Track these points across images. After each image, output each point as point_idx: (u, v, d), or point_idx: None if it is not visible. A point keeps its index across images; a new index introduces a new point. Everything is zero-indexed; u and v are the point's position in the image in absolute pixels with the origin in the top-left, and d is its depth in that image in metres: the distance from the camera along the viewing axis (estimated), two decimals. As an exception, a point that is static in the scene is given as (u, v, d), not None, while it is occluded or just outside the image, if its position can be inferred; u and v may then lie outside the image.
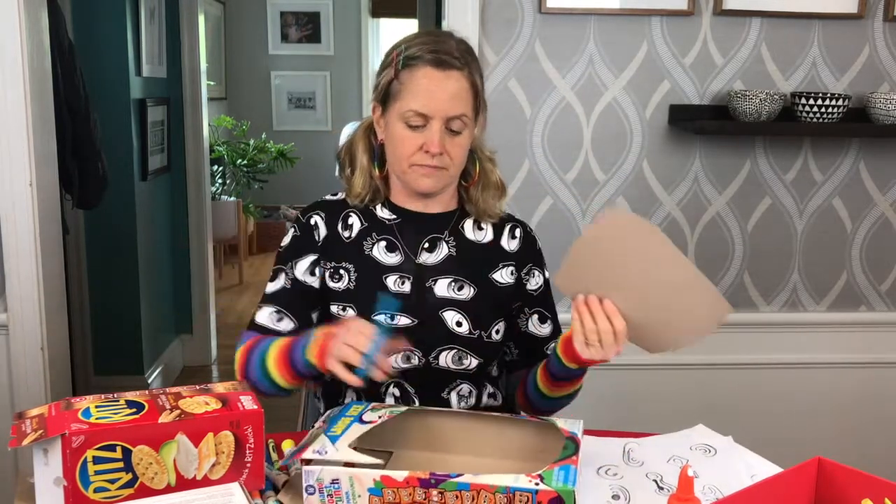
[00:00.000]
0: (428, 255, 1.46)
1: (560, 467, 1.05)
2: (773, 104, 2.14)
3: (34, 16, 2.15)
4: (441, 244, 1.47)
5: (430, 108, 1.36)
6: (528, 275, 1.52)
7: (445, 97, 1.36)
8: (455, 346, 1.43)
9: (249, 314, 1.52)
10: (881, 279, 2.42)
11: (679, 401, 2.38)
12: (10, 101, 2.09)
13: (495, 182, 1.51)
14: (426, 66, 1.37)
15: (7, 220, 2.15)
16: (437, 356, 1.42)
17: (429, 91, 1.36)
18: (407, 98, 1.37)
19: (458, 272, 1.45)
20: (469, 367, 1.44)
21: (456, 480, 1.03)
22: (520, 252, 1.51)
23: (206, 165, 4.11)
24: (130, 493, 1.01)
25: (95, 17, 3.27)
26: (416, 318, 1.42)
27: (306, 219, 1.49)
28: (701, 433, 1.35)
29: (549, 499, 1.00)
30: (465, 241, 1.49)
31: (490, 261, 1.49)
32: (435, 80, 1.37)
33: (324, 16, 6.79)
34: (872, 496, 0.95)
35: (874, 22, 2.25)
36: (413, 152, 1.38)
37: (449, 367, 1.43)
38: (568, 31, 2.20)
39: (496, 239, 1.51)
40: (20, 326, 2.20)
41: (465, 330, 1.43)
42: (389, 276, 1.44)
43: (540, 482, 1.01)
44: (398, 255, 1.45)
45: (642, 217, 1.32)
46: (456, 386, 1.46)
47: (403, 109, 1.38)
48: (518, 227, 1.54)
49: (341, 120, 6.21)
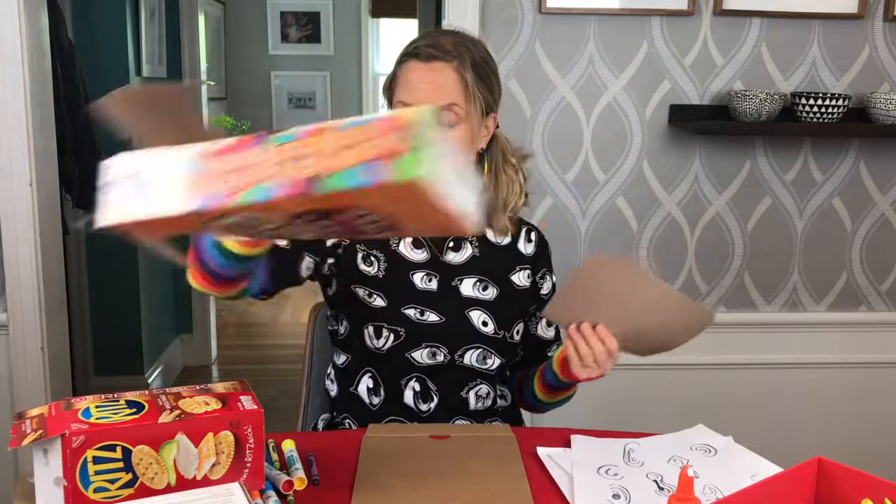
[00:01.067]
0: (454, 254, 1.47)
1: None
2: (773, 104, 2.14)
3: (34, 16, 2.15)
4: (465, 244, 1.48)
5: (413, 99, 1.37)
6: (542, 279, 1.54)
7: (428, 88, 1.36)
8: (481, 346, 1.44)
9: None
10: (881, 279, 2.42)
11: (679, 401, 2.38)
12: (10, 101, 2.09)
13: (504, 199, 1.47)
14: (413, 60, 1.38)
15: (7, 220, 2.15)
16: (462, 354, 1.43)
17: (413, 83, 1.38)
18: (398, 92, 1.39)
19: (482, 272, 1.47)
20: (491, 367, 1.46)
21: (283, 133, 0.77)
22: (535, 256, 1.53)
23: (207, 165, 4.10)
24: (130, 493, 1.01)
25: (95, 17, 3.27)
26: (444, 315, 1.43)
27: None
28: (701, 433, 1.35)
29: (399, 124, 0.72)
30: (488, 242, 1.50)
31: (509, 263, 1.50)
32: (419, 71, 1.37)
33: (324, 16, 6.79)
34: (872, 496, 0.95)
35: (874, 22, 2.25)
36: None
37: (473, 366, 1.44)
38: (568, 31, 2.20)
39: (514, 242, 1.52)
40: (20, 326, 2.20)
41: (490, 330, 1.44)
42: (417, 273, 1.44)
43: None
44: (424, 251, 1.46)
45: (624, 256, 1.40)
46: (475, 386, 1.47)
47: (395, 103, 1.40)
48: (533, 230, 1.55)
49: (341, 120, 6.20)
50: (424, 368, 1.43)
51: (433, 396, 1.44)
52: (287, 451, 1.23)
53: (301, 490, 1.14)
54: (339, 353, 1.52)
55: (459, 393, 1.46)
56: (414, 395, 1.44)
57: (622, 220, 2.31)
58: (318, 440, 1.37)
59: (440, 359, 1.43)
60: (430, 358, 1.43)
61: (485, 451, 1.26)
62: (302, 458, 1.22)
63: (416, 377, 1.44)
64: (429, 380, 1.44)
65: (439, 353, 1.43)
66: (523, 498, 1.13)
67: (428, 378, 1.44)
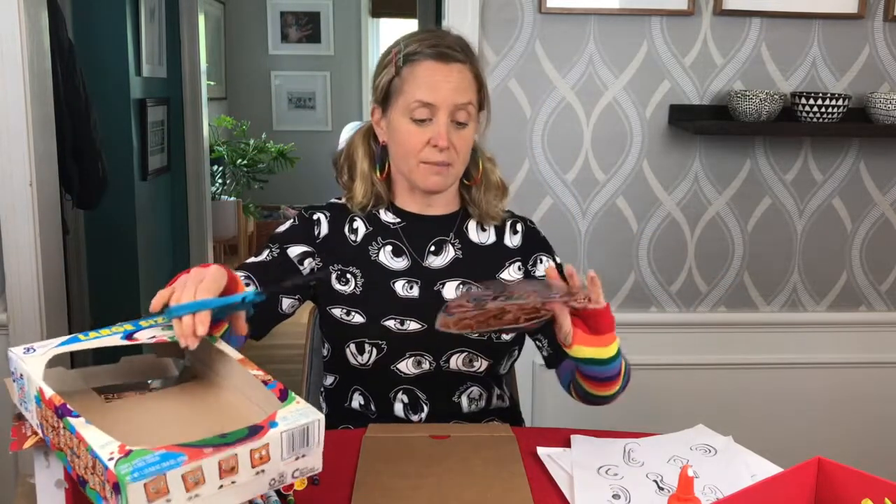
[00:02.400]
0: (434, 258, 1.45)
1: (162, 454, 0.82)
2: (773, 104, 2.14)
3: (34, 16, 2.15)
4: (447, 246, 1.46)
5: (435, 98, 1.35)
6: (534, 265, 1.50)
7: (450, 86, 1.36)
8: (465, 349, 1.42)
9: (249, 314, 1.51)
10: (881, 279, 2.42)
11: (679, 401, 2.38)
12: (10, 101, 2.09)
13: (496, 182, 1.51)
14: (428, 60, 1.37)
15: (7, 220, 2.15)
16: (447, 359, 1.42)
17: (433, 81, 1.36)
18: (411, 91, 1.37)
19: (466, 274, 1.45)
20: (479, 369, 1.44)
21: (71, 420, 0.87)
22: (523, 246, 1.51)
23: (206, 165, 4.11)
24: (131, 494, 1.01)
25: (95, 17, 3.27)
26: (425, 322, 1.40)
27: (309, 214, 1.48)
28: (701, 433, 1.35)
29: (113, 482, 0.81)
30: (470, 243, 1.48)
31: (496, 261, 1.48)
32: (439, 71, 1.36)
33: (324, 16, 6.79)
34: (872, 496, 0.95)
35: (874, 22, 2.25)
36: (420, 148, 1.37)
37: (460, 370, 1.43)
38: (568, 31, 2.20)
39: (499, 239, 1.50)
40: (20, 326, 2.20)
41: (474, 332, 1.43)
42: (397, 281, 1.43)
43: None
44: (405, 259, 1.45)
45: None
46: (466, 389, 1.45)
47: (409, 102, 1.37)
48: (519, 222, 1.53)
49: (341, 120, 6.21)
50: (412, 378, 1.42)
51: (423, 406, 1.44)
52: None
53: (301, 490, 1.14)
54: (327, 375, 1.52)
55: (451, 398, 1.45)
56: (404, 408, 1.43)
57: (622, 220, 2.31)
58: (318, 440, 1.37)
59: (426, 367, 1.42)
60: (416, 367, 1.41)
61: (485, 451, 1.26)
62: (302, 458, 1.22)
63: (403, 389, 1.43)
64: (417, 390, 1.43)
65: (424, 361, 1.41)
66: (523, 498, 1.13)
67: (417, 388, 1.43)
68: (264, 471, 0.88)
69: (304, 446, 0.91)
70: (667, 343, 2.37)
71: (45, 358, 1.00)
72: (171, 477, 0.81)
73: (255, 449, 0.87)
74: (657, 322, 2.36)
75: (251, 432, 0.88)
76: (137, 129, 3.45)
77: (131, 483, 0.79)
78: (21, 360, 0.99)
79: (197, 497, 0.83)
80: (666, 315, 2.37)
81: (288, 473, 0.91)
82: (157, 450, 0.82)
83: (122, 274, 3.47)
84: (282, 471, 0.90)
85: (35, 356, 1.00)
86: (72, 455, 0.88)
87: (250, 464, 0.87)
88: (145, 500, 0.80)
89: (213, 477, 0.84)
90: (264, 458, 0.88)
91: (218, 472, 0.84)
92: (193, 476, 0.82)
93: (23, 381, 0.98)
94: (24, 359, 0.99)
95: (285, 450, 0.89)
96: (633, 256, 2.33)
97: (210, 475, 0.84)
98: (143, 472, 0.80)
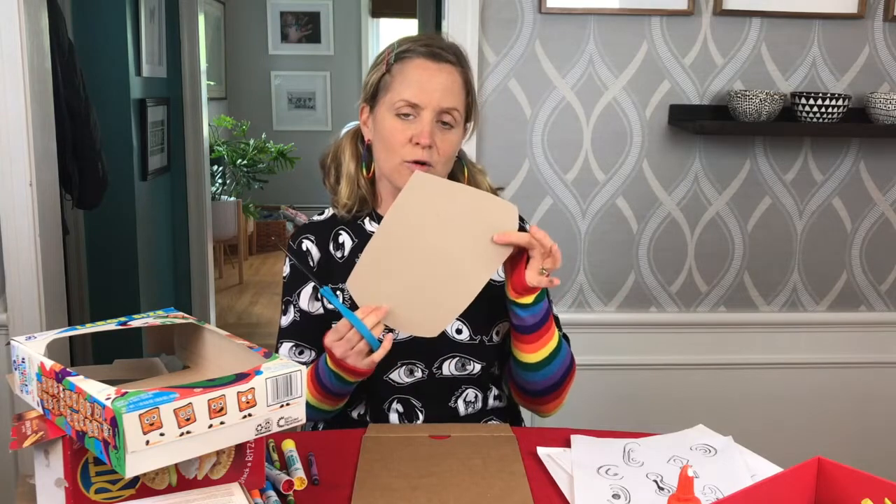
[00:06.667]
0: None
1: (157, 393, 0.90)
2: (773, 104, 2.14)
3: (34, 16, 2.15)
4: None
5: (421, 98, 1.34)
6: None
7: (438, 88, 1.34)
8: (457, 354, 1.42)
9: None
10: (881, 279, 2.42)
11: (679, 401, 2.38)
12: (10, 101, 2.09)
13: (485, 189, 1.49)
14: (419, 58, 1.36)
15: (7, 220, 2.15)
16: (439, 366, 1.42)
17: (421, 81, 1.35)
18: (398, 89, 1.35)
19: None
20: (473, 372, 1.44)
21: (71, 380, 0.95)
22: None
23: (206, 165, 4.11)
24: (132, 494, 1.01)
25: (95, 17, 3.27)
26: None
27: (297, 245, 1.47)
28: (701, 433, 1.35)
29: (110, 417, 0.88)
30: None
31: None
32: (428, 70, 1.35)
33: (324, 16, 6.79)
34: (872, 496, 0.95)
35: (874, 22, 2.25)
36: (403, 144, 1.35)
37: (453, 375, 1.43)
38: (568, 31, 2.20)
39: None
40: (20, 326, 2.20)
41: (465, 337, 1.43)
42: None
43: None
44: None
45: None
46: (462, 393, 1.45)
47: (394, 100, 1.35)
48: None
49: (341, 120, 6.22)
50: (407, 387, 1.42)
51: (419, 413, 1.43)
52: (287, 451, 1.23)
53: (301, 490, 1.14)
54: None
55: (447, 404, 1.45)
56: (399, 417, 1.43)
57: (622, 219, 2.31)
58: (317, 440, 1.37)
59: (419, 375, 1.42)
60: (409, 375, 1.41)
61: (485, 451, 1.26)
62: (302, 457, 1.23)
63: (397, 399, 1.43)
64: (412, 398, 1.43)
65: (417, 370, 1.41)
66: (523, 498, 1.13)
67: (412, 396, 1.43)
68: (251, 415, 0.96)
69: (287, 394, 0.99)
70: (667, 343, 2.37)
71: (45, 341, 1.06)
72: (164, 411, 0.88)
73: (242, 392, 0.94)
74: (657, 322, 2.36)
75: (238, 377, 0.96)
76: (137, 129, 3.45)
77: (127, 414, 0.86)
78: (23, 345, 1.05)
79: (189, 434, 0.90)
80: (666, 315, 2.37)
81: (274, 421, 0.98)
82: (150, 390, 0.90)
83: (122, 274, 3.47)
84: (268, 417, 0.98)
85: (36, 341, 1.06)
86: (71, 414, 0.94)
87: (238, 406, 0.94)
88: (140, 432, 0.86)
89: (203, 416, 0.91)
90: (251, 402, 0.95)
91: (208, 412, 0.92)
92: (185, 413, 0.90)
93: (24, 364, 1.04)
94: (26, 344, 1.05)
95: (270, 395, 0.97)
96: (633, 256, 2.34)
97: (200, 413, 0.91)
98: (138, 405, 0.87)
